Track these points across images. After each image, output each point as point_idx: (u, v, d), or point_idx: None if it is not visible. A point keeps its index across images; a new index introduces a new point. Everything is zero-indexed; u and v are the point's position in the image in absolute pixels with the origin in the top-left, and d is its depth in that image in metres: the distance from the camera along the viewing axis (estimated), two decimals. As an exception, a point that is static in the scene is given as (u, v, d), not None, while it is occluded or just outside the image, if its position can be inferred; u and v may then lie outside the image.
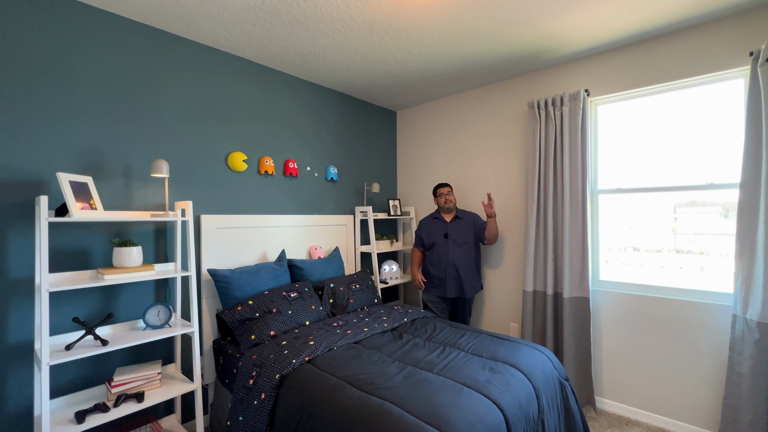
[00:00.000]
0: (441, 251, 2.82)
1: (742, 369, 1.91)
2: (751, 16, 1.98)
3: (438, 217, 2.92)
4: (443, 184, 2.93)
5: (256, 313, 2.14)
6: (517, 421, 1.44)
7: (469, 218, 2.86)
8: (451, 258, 2.77)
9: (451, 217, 2.88)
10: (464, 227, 2.83)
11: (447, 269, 2.79)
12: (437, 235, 2.86)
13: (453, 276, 2.78)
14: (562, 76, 2.65)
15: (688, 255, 2.31)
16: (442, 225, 2.88)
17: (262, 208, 2.65)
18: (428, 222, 2.98)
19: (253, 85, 2.60)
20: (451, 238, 2.80)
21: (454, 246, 2.79)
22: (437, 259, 2.83)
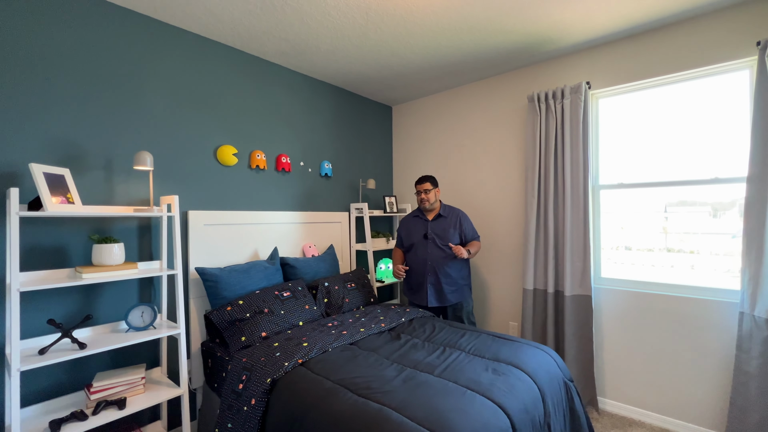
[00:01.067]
0: (420, 253, 2.51)
1: (749, 368, 1.86)
2: (759, 5, 1.92)
3: (419, 215, 2.61)
4: (422, 179, 2.54)
5: (247, 313, 2.04)
6: (523, 426, 1.37)
7: (454, 216, 2.54)
8: (430, 261, 2.46)
9: (434, 215, 2.56)
10: (447, 227, 2.50)
11: (426, 274, 2.48)
12: (417, 234, 2.56)
13: (432, 282, 2.47)
14: (563, 69, 2.59)
15: (679, 254, 2.29)
16: (422, 224, 2.57)
17: (253, 204, 2.55)
18: (408, 220, 2.67)
19: (244, 76, 2.50)
20: (431, 238, 2.49)
21: (434, 248, 2.47)
22: (415, 263, 2.54)
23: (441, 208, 2.59)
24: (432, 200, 2.53)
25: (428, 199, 2.52)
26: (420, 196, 2.54)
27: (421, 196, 2.53)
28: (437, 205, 2.59)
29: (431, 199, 2.52)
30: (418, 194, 2.55)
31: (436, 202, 2.57)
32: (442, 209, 2.58)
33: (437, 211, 2.58)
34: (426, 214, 2.59)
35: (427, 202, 2.52)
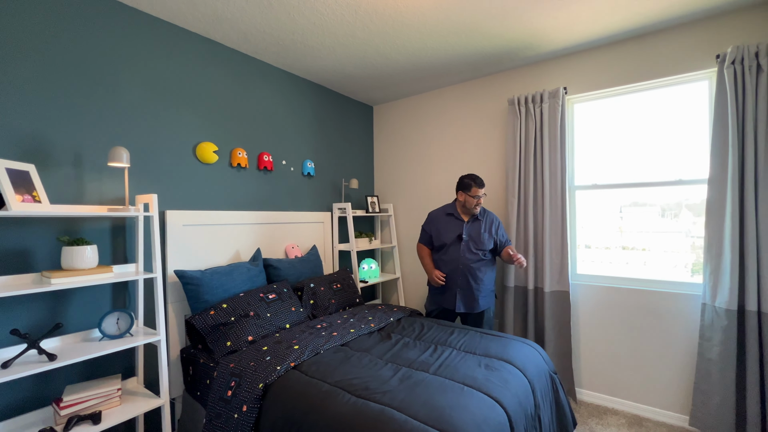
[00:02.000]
0: (452, 255, 2.36)
1: (711, 355, 2.02)
2: (717, 21, 2.10)
3: (453, 213, 2.44)
4: (480, 182, 2.33)
5: (232, 317, 1.96)
6: (518, 419, 1.41)
7: (489, 220, 2.42)
8: (462, 266, 2.33)
9: (469, 217, 2.43)
10: (482, 230, 2.37)
11: (456, 278, 2.34)
12: (449, 235, 2.38)
13: (462, 287, 2.33)
14: (542, 74, 2.70)
15: (633, 251, 2.49)
16: (457, 224, 2.40)
17: (234, 203, 2.45)
18: (440, 217, 2.47)
19: (225, 72, 2.40)
20: (466, 241, 2.35)
21: (468, 251, 2.33)
22: (446, 265, 2.38)
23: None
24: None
25: (481, 205, 2.40)
26: (477, 200, 2.33)
27: (478, 201, 2.34)
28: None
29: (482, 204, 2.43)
30: (475, 198, 2.33)
31: None
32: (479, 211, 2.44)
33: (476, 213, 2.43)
34: (462, 215, 2.44)
35: (479, 207, 2.38)
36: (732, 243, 1.95)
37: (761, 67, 1.88)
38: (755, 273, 1.90)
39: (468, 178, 2.37)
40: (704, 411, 2.04)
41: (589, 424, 2.21)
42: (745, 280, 1.93)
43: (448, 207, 2.51)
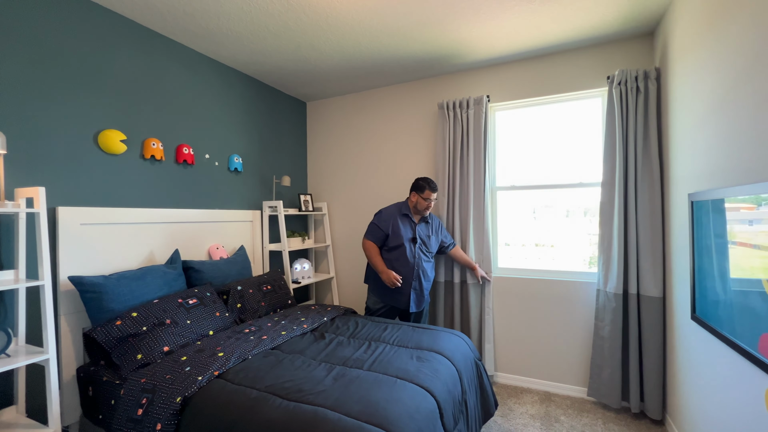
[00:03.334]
0: (407, 257, 2.37)
1: (604, 333, 2.35)
2: (608, 48, 2.45)
3: (408, 214, 2.45)
4: (435, 186, 2.40)
5: (143, 326, 1.75)
6: (446, 405, 1.48)
7: (436, 223, 2.54)
8: (417, 267, 2.39)
9: (419, 219, 2.48)
10: (430, 233, 2.48)
11: (411, 279, 2.37)
12: (405, 236, 2.40)
13: (415, 287, 2.39)
14: (468, 81, 2.88)
15: (544, 248, 2.82)
16: (410, 225, 2.44)
17: (148, 199, 2.20)
18: (396, 217, 2.44)
19: (138, 53, 2.14)
20: (419, 244, 2.42)
21: (421, 253, 2.41)
22: (400, 265, 2.38)
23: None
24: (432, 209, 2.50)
25: (431, 208, 2.46)
26: (428, 203, 2.39)
27: (428, 204, 2.40)
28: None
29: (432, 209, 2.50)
30: (427, 200, 2.38)
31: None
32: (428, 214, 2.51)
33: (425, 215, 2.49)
34: (413, 216, 2.47)
35: (428, 210, 2.43)
36: (619, 237, 2.29)
37: (640, 89, 2.24)
38: (635, 262, 2.26)
39: (423, 181, 2.41)
40: (598, 382, 2.36)
41: (508, 404, 2.42)
42: (628, 268, 2.28)
43: (402, 207, 2.49)
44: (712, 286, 1.49)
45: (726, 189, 1.36)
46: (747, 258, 1.20)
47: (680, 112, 1.89)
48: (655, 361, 2.18)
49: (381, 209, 2.55)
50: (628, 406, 2.33)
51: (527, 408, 2.37)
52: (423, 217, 2.48)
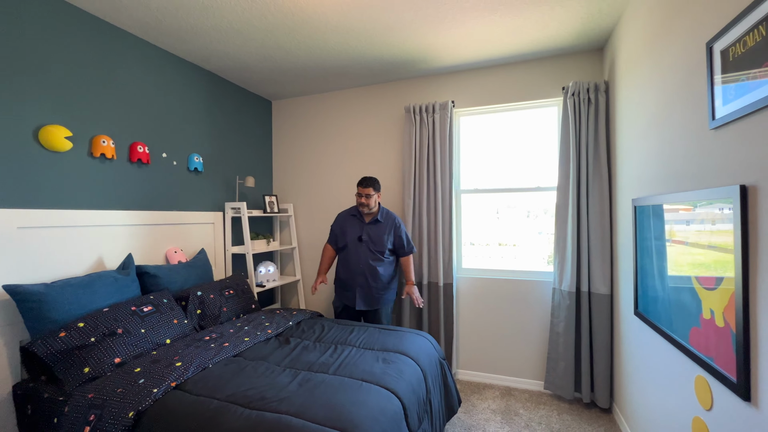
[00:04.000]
0: (352, 255, 2.46)
1: (559, 329, 2.49)
2: (563, 60, 2.60)
3: (356, 214, 2.53)
4: (365, 183, 2.44)
5: (91, 337, 1.64)
6: (411, 405, 1.51)
7: (390, 223, 2.51)
8: (362, 265, 2.42)
9: (371, 218, 2.51)
10: (381, 233, 2.47)
11: (356, 277, 2.43)
12: (351, 235, 2.49)
13: (362, 285, 2.43)
14: (435, 86, 2.95)
15: (506, 247, 2.95)
16: (358, 225, 2.50)
17: (96, 201, 2.05)
18: (345, 218, 2.57)
19: (87, 44, 1.99)
20: (366, 242, 2.45)
21: (367, 252, 2.44)
22: (347, 264, 2.48)
23: (379, 212, 2.52)
24: (372, 205, 2.46)
25: (368, 204, 2.44)
26: (360, 199, 2.44)
27: (361, 200, 2.44)
28: (377, 209, 2.52)
29: (371, 204, 2.45)
30: (359, 196, 2.45)
31: (376, 206, 2.51)
32: (379, 213, 2.51)
33: (375, 214, 2.51)
34: (363, 216, 2.53)
35: (366, 207, 2.45)
36: (572, 238, 2.43)
37: (591, 100, 2.39)
38: (587, 261, 2.41)
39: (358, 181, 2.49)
40: (554, 375, 2.50)
41: (471, 400, 2.50)
42: (580, 267, 2.43)
43: (353, 208, 2.60)
44: (652, 284, 1.63)
45: (664, 195, 1.49)
46: (683, 255, 1.32)
47: (625, 124, 2.05)
48: (604, 354, 2.34)
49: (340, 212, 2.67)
50: (580, 397, 2.49)
51: (489, 403, 2.46)
52: (375, 217, 2.50)
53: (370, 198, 2.43)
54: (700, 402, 1.26)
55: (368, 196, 2.43)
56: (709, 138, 1.20)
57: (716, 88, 1.14)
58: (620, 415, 2.17)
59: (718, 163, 1.15)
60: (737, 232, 1.03)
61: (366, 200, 2.44)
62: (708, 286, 1.18)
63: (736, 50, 1.04)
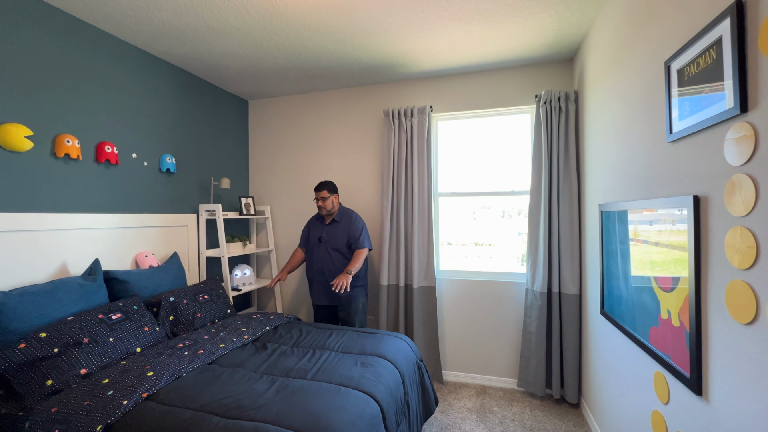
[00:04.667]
0: (313, 255, 2.62)
1: (531, 328, 2.58)
2: (536, 69, 2.70)
3: (319, 218, 2.71)
4: (319, 186, 2.57)
5: (54, 348, 1.56)
6: (389, 408, 1.53)
7: (346, 221, 2.62)
8: (319, 263, 2.58)
9: (330, 220, 2.65)
10: (339, 232, 2.60)
11: (315, 274, 2.61)
12: (314, 237, 2.66)
13: (320, 281, 2.59)
14: (413, 91, 2.99)
15: (482, 246, 3.03)
16: (319, 227, 2.66)
17: (60, 204, 1.95)
18: (312, 222, 2.75)
19: (48, 37, 1.89)
20: (324, 242, 2.59)
21: (326, 251, 2.58)
22: (310, 264, 2.66)
23: (338, 213, 2.63)
24: (329, 207, 2.57)
25: (325, 206, 2.57)
26: (318, 203, 2.58)
27: (318, 203, 2.58)
28: (334, 210, 2.62)
29: (328, 206, 2.57)
30: (316, 200, 2.59)
31: (334, 207, 2.62)
32: (338, 214, 2.63)
33: (334, 216, 2.63)
34: (324, 218, 2.66)
35: (324, 209, 2.58)
36: (544, 241, 2.53)
37: (562, 108, 2.50)
38: (558, 263, 2.51)
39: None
40: (526, 373, 2.59)
41: (447, 400, 2.56)
42: (551, 269, 2.53)
43: (318, 212, 2.70)
44: (616, 285, 1.72)
45: (627, 202, 1.58)
46: (646, 254, 1.40)
47: (593, 133, 2.15)
48: (573, 351, 2.45)
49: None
50: (551, 393, 2.59)
51: (465, 402, 2.52)
52: (334, 219, 2.62)
53: (325, 200, 2.56)
54: (658, 396, 1.35)
55: (323, 199, 2.56)
56: (667, 150, 1.28)
57: (674, 103, 1.23)
58: (588, 409, 2.28)
59: (674, 173, 1.23)
60: (691, 239, 1.11)
61: (322, 203, 2.57)
62: (666, 288, 1.27)
63: (691, 70, 1.12)
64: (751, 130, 0.88)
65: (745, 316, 0.90)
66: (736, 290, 0.93)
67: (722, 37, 0.97)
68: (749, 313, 0.88)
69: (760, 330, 0.86)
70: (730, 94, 0.94)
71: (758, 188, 0.86)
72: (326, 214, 2.63)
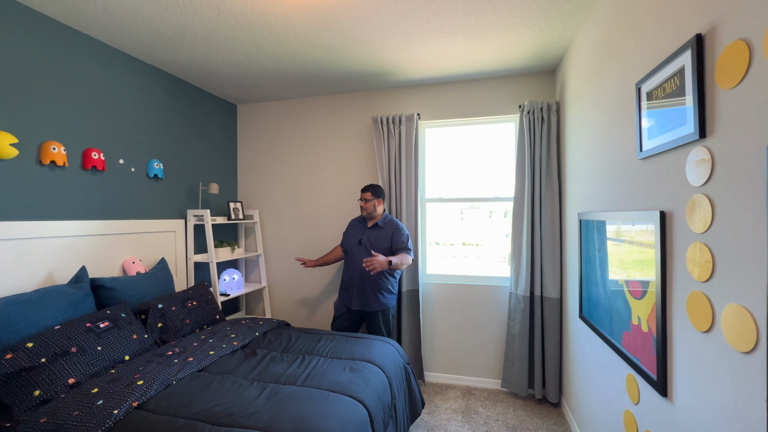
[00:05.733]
0: (352, 258, 2.59)
1: (515, 331, 2.67)
2: (520, 80, 2.79)
3: (362, 220, 2.67)
4: (365, 188, 2.60)
5: (42, 358, 1.55)
6: (377, 412, 1.58)
7: (389, 229, 2.56)
8: (360, 267, 2.49)
9: (372, 224, 2.60)
10: (381, 237, 2.53)
11: (353, 278, 2.55)
12: (354, 239, 2.62)
13: (358, 286, 2.51)
14: (401, 98, 3.04)
15: (470, 246, 3.11)
16: (361, 229, 2.62)
17: (46, 211, 1.94)
18: (353, 223, 2.73)
19: (33, 43, 1.87)
20: (365, 245, 2.54)
21: (366, 254, 2.48)
22: (348, 266, 2.62)
23: (382, 218, 2.60)
24: (370, 209, 2.56)
25: (366, 208, 2.57)
26: (360, 203, 2.60)
27: (360, 204, 2.60)
28: (377, 214, 2.60)
29: (369, 209, 2.56)
30: (360, 201, 2.61)
31: (376, 211, 2.58)
32: (381, 220, 2.59)
33: (377, 220, 2.61)
34: (367, 221, 2.63)
35: (365, 211, 2.58)
36: (527, 246, 2.62)
37: (544, 119, 2.59)
38: (540, 268, 2.61)
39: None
40: (510, 374, 2.68)
41: (434, 401, 2.62)
42: (534, 273, 2.62)
43: (362, 215, 2.68)
44: (594, 291, 1.81)
45: (603, 213, 1.67)
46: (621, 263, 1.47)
47: (573, 143, 2.24)
48: (555, 353, 2.54)
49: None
50: (533, 393, 2.68)
51: (450, 403, 2.59)
52: (376, 222, 2.59)
53: (367, 202, 2.56)
54: (630, 397, 1.43)
55: (366, 200, 2.56)
56: (638, 166, 1.37)
57: (644, 122, 1.31)
58: (568, 409, 2.37)
59: (644, 188, 1.32)
60: (657, 251, 1.19)
61: (364, 204, 2.57)
62: (636, 296, 1.35)
63: (659, 93, 1.21)
64: (709, 154, 0.96)
65: (703, 325, 0.98)
66: (695, 301, 1.01)
67: (684, 67, 1.05)
68: (706, 322, 0.97)
69: (715, 338, 0.94)
70: (691, 119, 1.02)
71: (714, 208, 0.94)
72: (367, 217, 2.61)
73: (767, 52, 0.77)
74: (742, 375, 0.84)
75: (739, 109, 0.86)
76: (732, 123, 0.88)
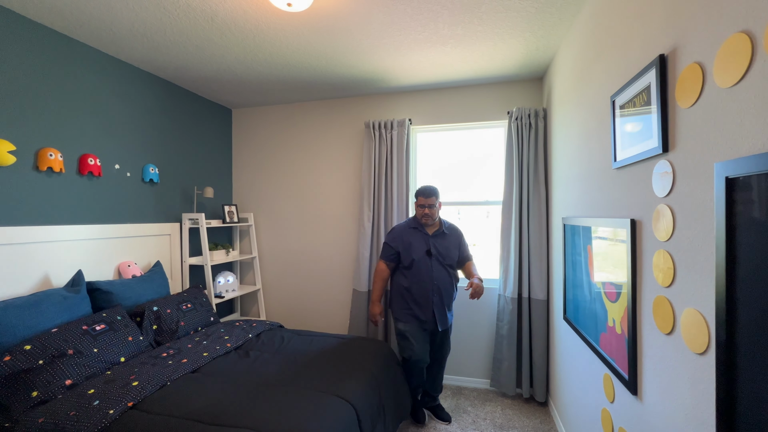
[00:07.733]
0: (424, 272, 2.23)
1: (503, 332, 2.73)
2: (509, 87, 2.86)
3: (417, 227, 2.32)
4: (428, 192, 2.26)
5: (39, 360, 1.60)
6: (365, 412, 1.64)
7: (456, 235, 2.38)
8: (437, 281, 2.23)
9: (434, 231, 2.32)
10: (451, 245, 2.31)
11: (431, 294, 2.22)
12: (418, 250, 2.25)
13: (437, 303, 2.23)
14: (393, 104, 3.10)
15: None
16: (423, 238, 2.29)
17: (43, 216, 1.98)
18: (406, 231, 2.32)
19: (31, 52, 1.92)
20: (435, 256, 2.25)
21: (439, 267, 2.25)
22: (418, 282, 2.23)
23: (441, 223, 2.36)
24: (436, 216, 2.29)
25: (432, 215, 2.26)
26: (423, 210, 2.26)
27: (424, 211, 2.25)
28: (437, 220, 2.36)
29: (435, 215, 2.28)
30: (421, 207, 2.27)
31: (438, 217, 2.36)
32: (442, 225, 2.35)
33: (438, 226, 2.34)
34: (426, 228, 2.33)
35: (430, 218, 2.27)
36: (515, 249, 2.68)
37: (532, 125, 2.65)
38: (527, 270, 2.67)
39: (418, 189, 2.32)
40: (499, 374, 2.74)
41: (425, 401, 2.68)
42: (521, 275, 2.69)
43: (411, 221, 2.38)
44: (576, 293, 1.87)
45: (584, 218, 1.74)
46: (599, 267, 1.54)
47: (558, 150, 2.31)
48: (542, 353, 2.61)
49: (394, 226, 2.48)
50: (521, 393, 2.75)
51: (440, 403, 2.65)
52: (439, 229, 2.33)
53: (433, 209, 2.26)
54: (606, 396, 1.50)
55: (431, 207, 2.25)
56: (613, 175, 1.43)
57: (617, 134, 1.38)
58: (554, 407, 2.44)
59: (619, 196, 1.38)
60: (628, 257, 1.26)
61: (430, 211, 2.25)
62: (611, 298, 1.42)
63: (630, 107, 1.27)
64: (671, 167, 1.02)
65: (667, 327, 1.04)
66: (660, 304, 1.08)
67: (651, 84, 1.11)
68: (669, 325, 1.03)
69: (676, 340, 1.00)
70: (657, 134, 1.08)
71: (675, 218, 1.00)
72: (430, 224, 2.32)
73: (717, 76, 0.83)
74: (697, 375, 0.91)
75: (695, 126, 0.92)
76: (689, 139, 0.94)
